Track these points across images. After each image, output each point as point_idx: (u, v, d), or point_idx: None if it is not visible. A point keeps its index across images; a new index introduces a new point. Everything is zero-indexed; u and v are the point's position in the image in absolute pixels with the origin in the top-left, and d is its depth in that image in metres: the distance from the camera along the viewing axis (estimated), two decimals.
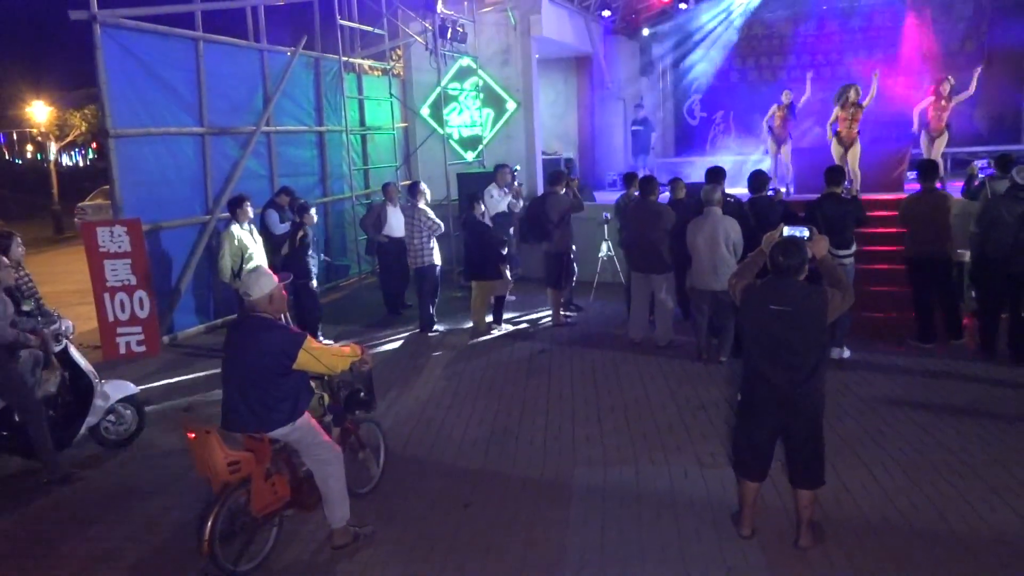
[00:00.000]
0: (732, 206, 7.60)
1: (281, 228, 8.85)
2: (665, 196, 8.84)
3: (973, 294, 8.05)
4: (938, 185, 8.30)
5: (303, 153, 11.51)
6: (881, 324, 8.15)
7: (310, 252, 8.39)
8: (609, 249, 10.12)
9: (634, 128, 14.86)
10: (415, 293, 9.38)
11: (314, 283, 8.41)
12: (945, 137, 10.73)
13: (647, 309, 8.23)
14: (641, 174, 9.34)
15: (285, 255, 8.33)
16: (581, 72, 15.68)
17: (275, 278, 4.09)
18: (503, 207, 9.85)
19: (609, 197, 11.76)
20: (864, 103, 10.56)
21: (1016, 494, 4.63)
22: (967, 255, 8.07)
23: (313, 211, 8.52)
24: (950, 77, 10.86)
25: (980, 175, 8.89)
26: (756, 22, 15.61)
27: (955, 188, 9.12)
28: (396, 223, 9.68)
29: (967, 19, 14.67)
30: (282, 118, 10.90)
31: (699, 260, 7.28)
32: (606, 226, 10.00)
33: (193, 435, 3.87)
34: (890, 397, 6.33)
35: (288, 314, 7.42)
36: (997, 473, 4.91)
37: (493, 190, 9.83)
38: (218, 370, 4.18)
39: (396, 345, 8.66)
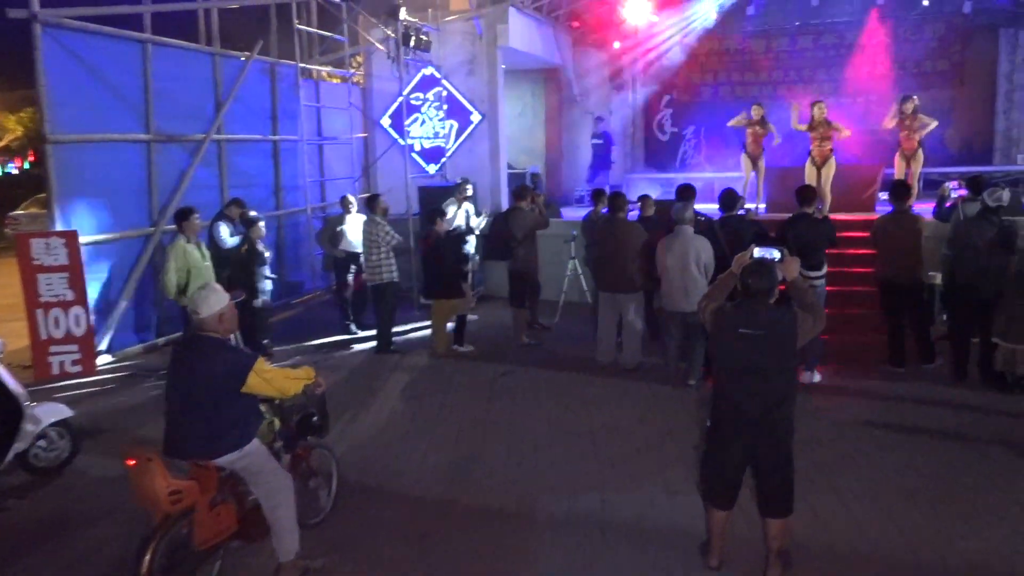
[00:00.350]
0: (703, 225, 7.72)
1: (231, 242, 8.76)
2: (634, 213, 8.95)
3: (945, 318, 8.28)
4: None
5: (256, 163, 11.43)
6: (853, 348, 8.30)
7: (262, 268, 8.30)
8: (576, 267, 10.19)
9: (593, 142, 14.78)
10: (373, 311, 9.35)
11: (259, 301, 8.29)
12: (920, 157, 10.92)
13: (615, 330, 8.29)
14: (608, 190, 9.45)
15: (231, 270, 8.24)
16: (549, 84, 15.86)
17: (227, 296, 4.06)
18: (460, 222, 9.89)
19: (576, 213, 11.86)
20: (805, 127, 10.80)
21: (986, 522, 4.75)
22: (939, 278, 8.29)
23: (262, 224, 8.44)
24: (914, 96, 11.10)
25: (953, 196, 9.11)
26: (728, 37, 15.94)
27: (928, 209, 9.36)
28: (354, 237, 9.66)
29: (939, 38, 15.14)
30: (234, 126, 10.82)
31: (669, 280, 7.37)
32: (573, 244, 10.08)
33: (133, 462, 3.79)
34: (861, 422, 6.46)
35: (238, 334, 7.35)
36: (968, 500, 5.03)
37: (450, 205, 9.87)
38: (160, 392, 4.11)
39: (352, 366, 8.60)
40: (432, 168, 12.75)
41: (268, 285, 8.50)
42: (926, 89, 14.20)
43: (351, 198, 10.01)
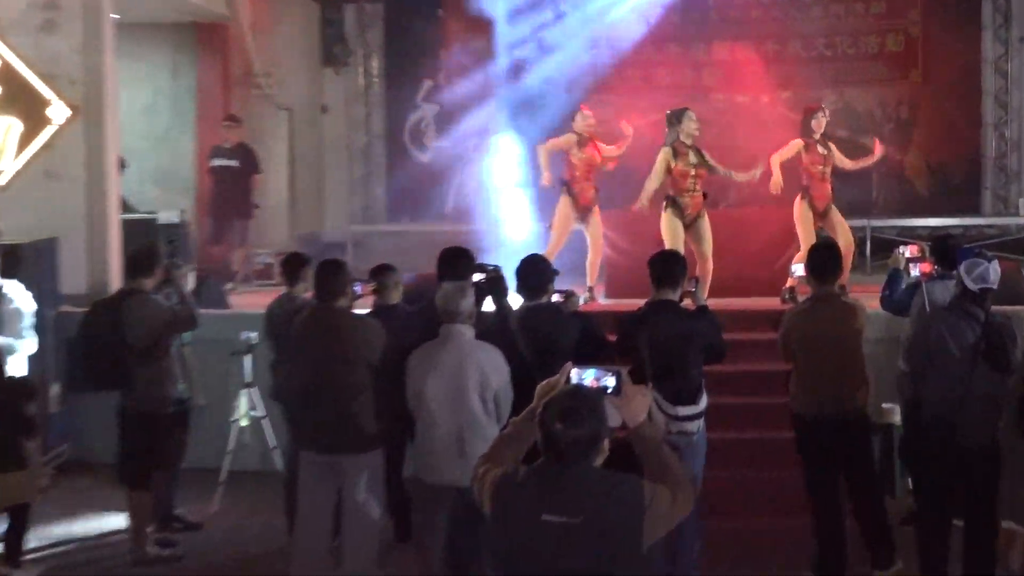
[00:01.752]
0: (493, 323, 7.97)
1: None
2: (364, 302, 9.12)
3: (909, 483, 8.92)
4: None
5: None
6: (757, 538, 8.76)
7: None
8: (254, 406, 10.17)
9: (215, 164, 15.12)
10: None
11: None
12: (835, 217, 11.84)
13: (329, 523, 8.29)
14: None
15: None
16: (205, 54, 15.98)
17: None
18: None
19: (257, 300, 11.88)
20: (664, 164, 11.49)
21: None
22: (897, 413, 8.99)
23: None
24: (824, 107, 12.15)
25: (913, 272, 9.53)
26: None
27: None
28: None
29: (888, 1, 16.66)
30: None
31: (430, 426, 7.47)
32: (247, 358, 10.06)
33: None
34: None
35: None
36: None
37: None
38: None
39: None
40: None
41: None
42: (865, 84, 15.60)
43: None
